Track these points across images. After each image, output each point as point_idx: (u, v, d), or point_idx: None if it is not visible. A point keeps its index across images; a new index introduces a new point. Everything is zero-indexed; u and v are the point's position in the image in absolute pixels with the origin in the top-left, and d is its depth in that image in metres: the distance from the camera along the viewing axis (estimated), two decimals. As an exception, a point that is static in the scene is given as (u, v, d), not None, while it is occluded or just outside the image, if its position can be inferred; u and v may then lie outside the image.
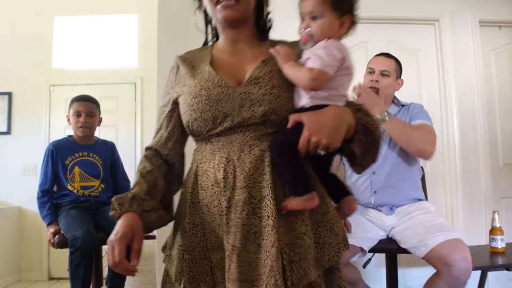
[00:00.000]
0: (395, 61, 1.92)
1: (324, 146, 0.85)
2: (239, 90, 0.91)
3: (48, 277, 3.67)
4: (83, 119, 2.13)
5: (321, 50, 0.90)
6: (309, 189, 0.87)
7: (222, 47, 1.03)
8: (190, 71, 0.98)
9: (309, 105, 0.90)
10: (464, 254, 1.47)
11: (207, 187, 0.92)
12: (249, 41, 1.02)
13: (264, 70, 0.93)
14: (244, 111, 0.89)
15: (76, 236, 1.80)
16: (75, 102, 2.17)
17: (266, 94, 0.89)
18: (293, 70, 0.90)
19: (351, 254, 1.66)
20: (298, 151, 0.86)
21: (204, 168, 0.94)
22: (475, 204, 2.53)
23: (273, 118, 0.90)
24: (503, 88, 2.71)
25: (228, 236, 0.87)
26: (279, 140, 0.89)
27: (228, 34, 1.01)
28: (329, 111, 0.88)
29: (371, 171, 1.82)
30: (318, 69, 0.87)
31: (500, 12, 2.65)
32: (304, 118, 0.86)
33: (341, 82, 0.92)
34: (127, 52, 3.92)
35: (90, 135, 2.19)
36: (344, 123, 0.88)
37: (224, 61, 0.99)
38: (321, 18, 0.92)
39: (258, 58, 0.97)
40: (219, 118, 0.90)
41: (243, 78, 0.94)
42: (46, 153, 2.12)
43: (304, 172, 0.89)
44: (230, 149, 0.90)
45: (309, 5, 0.92)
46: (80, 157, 2.12)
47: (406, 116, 1.86)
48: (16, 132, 3.75)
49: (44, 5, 3.86)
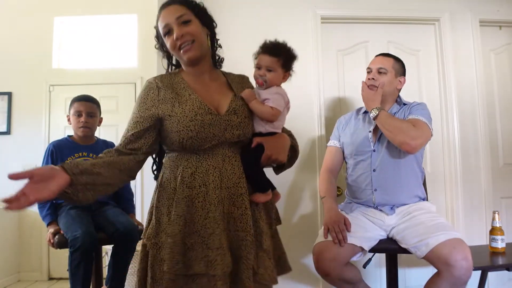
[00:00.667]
0: (394, 59, 1.92)
1: (278, 161, 1.29)
2: (224, 118, 1.23)
3: (48, 277, 3.67)
4: (84, 119, 2.12)
5: (276, 95, 1.31)
6: (268, 188, 1.31)
7: (190, 77, 1.31)
8: (176, 96, 1.24)
9: (266, 131, 1.31)
10: (465, 254, 1.47)
11: (193, 186, 1.21)
12: (209, 72, 1.34)
13: (238, 103, 1.28)
14: (227, 133, 1.23)
15: (76, 236, 1.80)
16: (76, 102, 2.16)
17: (241, 122, 1.26)
18: (258, 106, 1.29)
19: (351, 254, 1.66)
20: (260, 163, 1.26)
21: (190, 172, 1.22)
22: (475, 204, 2.53)
23: (243, 138, 1.27)
24: (503, 88, 2.71)
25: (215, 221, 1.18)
26: (247, 156, 1.27)
27: (193, 70, 1.31)
28: (280, 138, 1.32)
29: (372, 169, 1.83)
30: (277, 109, 1.29)
31: (500, 12, 2.65)
32: (264, 141, 1.26)
33: (283, 116, 1.35)
34: (127, 52, 3.92)
35: (90, 135, 2.19)
36: (288, 146, 1.34)
37: (199, 90, 1.28)
38: (273, 72, 1.32)
39: (223, 88, 1.33)
40: (209, 138, 1.21)
41: (219, 106, 1.26)
42: (46, 153, 2.11)
43: (265, 177, 1.31)
44: (214, 159, 1.23)
45: (268, 61, 1.32)
46: (80, 157, 2.12)
47: (406, 113, 1.86)
48: (16, 132, 3.75)
49: (44, 5, 3.86)
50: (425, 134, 1.74)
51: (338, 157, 1.99)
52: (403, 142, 1.69)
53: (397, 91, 1.93)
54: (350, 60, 2.58)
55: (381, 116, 1.76)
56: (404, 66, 1.95)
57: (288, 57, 1.34)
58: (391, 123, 1.74)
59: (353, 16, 2.56)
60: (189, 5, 1.27)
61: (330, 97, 2.55)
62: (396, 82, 1.89)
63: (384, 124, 1.75)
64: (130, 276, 2.59)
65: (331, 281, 1.65)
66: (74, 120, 2.14)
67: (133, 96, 3.81)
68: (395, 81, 1.89)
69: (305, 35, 2.50)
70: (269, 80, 1.32)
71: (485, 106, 2.59)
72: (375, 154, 1.84)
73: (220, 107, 1.26)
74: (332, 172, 1.97)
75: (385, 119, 1.75)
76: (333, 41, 2.58)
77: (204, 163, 1.22)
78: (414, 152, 1.73)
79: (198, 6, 1.30)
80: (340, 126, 2.03)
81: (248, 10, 2.50)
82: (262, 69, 1.32)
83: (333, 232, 1.64)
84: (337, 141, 2.01)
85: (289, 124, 2.39)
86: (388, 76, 1.87)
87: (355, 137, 1.91)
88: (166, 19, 1.25)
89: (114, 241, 1.97)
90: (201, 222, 1.19)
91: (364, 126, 1.92)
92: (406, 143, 1.69)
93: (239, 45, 2.45)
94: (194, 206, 1.20)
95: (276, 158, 1.27)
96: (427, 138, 1.76)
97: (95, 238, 1.86)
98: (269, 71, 1.32)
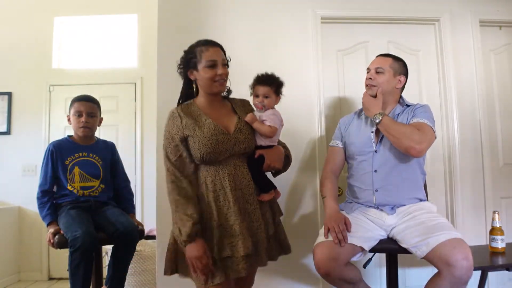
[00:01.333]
0: (392, 59, 1.91)
1: (276, 168, 1.68)
2: (233, 136, 1.60)
3: (48, 277, 3.67)
4: (84, 119, 2.12)
5: (273, 116, 1.68)
6: (271, 188, 1.69)
7: (204, 105, 1.67)
8: (195, 122, 1.60)
9: (265, 144, 1.68)
10: (465, 254, 1.47)
11: (215, 190, 1.58)
12: (219, 100, 1.72)
13: (242, 123, 1.65)
14: (235, 147, 1.60)
15: (76, 236, 1.80)
16: (76, 102, 2.16)
17: (246, 138, 1.63)
18: (260, 126, 1.66)
19: (351, 254, 1.65)
20: (262, 170, 1.65)
21: (211, 180, 1.59)
22: (475, 204, 2.53)
23: (249, 150, 1.65)
24: (503, 88, 2.71)
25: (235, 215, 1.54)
26: (252, 164, 1.65)
27: (211, 97, 1.67)
28: (277, 150, 1.70)
29: (373, 169, 1.83)
30: (274, 127, 1.66)
31: (500, 12, 2.65)
32: (264, 153, 1.65)
33: (278, 132, 1.72)
34: (127, 52, 3.92)
35: (90, 135, 2.19)
36: (283, 156, 1.72)
37: (212, 116, 1.63)
38: (269, 98, 1.70)
39: (229, 113, 1.70)
40: (222, 152, 1.57)
41: (229, 127, 1.63)
42: (46, 153, 2.11)
43: (268, 180, 1.69)
44: (228, 168, 1.59)
45: (264, 90, 1.70)
46: (80, 157, 2.12)
47: (409, 116, 1.85)
48: (16, 132, 3.75)
49: (44, 5, 3.86)
50: (430, 137, 1.74)
51: (340, 157, 1.99)
52: (409, 147, 1.69)
53: (397, 91, 1.92)
54: (350, 60, 2.58)
55: (385, 122, 1.76)
56: (405, 65, 1.94)
57: (279, 85, 1.73)
58: (395, 129, 1.74)
59: (353, 16, 2.56)
60: (224, 52, 1.68)
61: (330, 97, 2.55)
62: (394, 81, 1.89)
63: (388, 130, 1.75)
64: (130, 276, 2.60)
65: (331, 281, 1.65)
66: (74, 120, 2.14)
67: (133, 96, 3.81)
68: (393, 80, 1.88)
69: (305, 35, 2.50)
70: (266, 105, 1.70)
71: (485, 106, 2.59)
72: (377, 155, 1.84)
73: (228, 127, 1.63)
74: (333, 172, 1.97)
75: (389, 125, 1.75)
76: (333, 41, 2.58)
77: (220, 172, 1.59)
78: (420, 155, 1.74)
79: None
80: (342, 126, 2.03)
81: (249, 10, 2.50)
82: (260, 97, 1.70)
83: (333, 232, 1.64)
84: (339, 141, 2.00)
85: (289, 124, 2.41)
86: (385, 75, 1.86)
87: (357, 137, 1.91)
88: (215, 56, 1.60)
89: (114, 241, 1.97)
90: (224, 217, 1.55)
91: (366, 127, 1.91)
92: (412, 147, 1.69)
93: (241, 44, 2.46)
94: (218, 205, 1.56)
95: (274, 165, 1.66)
96: (431, 141, 1.75)
97: (95, 238, 1.87)
98: (266, 98, 1.70)
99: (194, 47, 1.64)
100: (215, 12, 2.48)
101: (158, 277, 2.27)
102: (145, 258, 2.73)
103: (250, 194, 1.60)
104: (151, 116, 3.39)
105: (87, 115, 2.13)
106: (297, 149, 2.44)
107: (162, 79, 2.32)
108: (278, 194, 1.75)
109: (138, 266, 2.70)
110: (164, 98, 2.25)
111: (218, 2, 2.49)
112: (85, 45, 3.94)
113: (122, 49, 3.94)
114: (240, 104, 1.74)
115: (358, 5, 2.55)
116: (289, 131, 2.44)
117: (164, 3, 2.45)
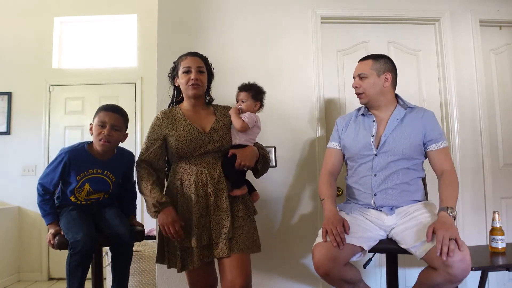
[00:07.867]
0: (372, 59, 1.88)
1: (246, 166, 1.80)
2: (207, 135, 1.79)
3: (48, 278, 3.68)
4: (107, 131, 1.87)
5: (250, 117, 1.84)
6: (243, 184, 1.82)
7: (187, 108, 1.87)
8: (174, 123, 1.82)
9: (239, 143, 1.84)
10: (463, 255, 1.46)
11: (189, 185, 1.76)
12: (202, 105, 1.90)
13: (219, 124, 1.84)
14: (210, 145, 1.78)
15: (77, 239, 1.76)
16: (102, 111, 1.92)
17: (220, 137, 1.81)
18: (235, 118, 1.84)
19: (351, 254, 1.65)
20: (235, 167, 1.77)
21: (186, 175, 1.77)
22: (475, 204, 2.53)
23: (222, 148, 1.81)
24: (503, 88, 2.71)
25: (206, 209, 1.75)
26: (225, 162, 1.79)
27: (192, 101, 1.87)
28: (249, 149, 1.83)
29: (372, 174, 1.81)
30: (247, 124, 1.82)
31: (500, 12, 2.65)
32: (237, 152, 1.79)
33: (254, 133, 1.88)
34: (127, 52, 3.93)
35: (109, 150, 1.96)
36: (255, 155, 1.84)
37: (191, 117, 1.84)
38: (245, 102, 1.89)
39: (209, 116, 1.88)
40: (196, 148, 1.76)
41: (205, 127, 1.82)
42: (58, 160, 1.91)
43: (240, 176, 1.83)
44: (202, 164, 1.77)
45: (242, 96, 1.90)
46: (93, 174, 1.91)
47: (418, 124, 1.81)
48: (16, 132, 3.75)
49: (44, 5, 3.87)
50: (450, 155, 1.86)
51: (338, 159, 1.97)
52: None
53: (387, 89, 1.87)
54: (350, 60, 2.58)
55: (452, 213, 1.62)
56: (388, 61, 1.89)
57: (257, 91, 1.91)
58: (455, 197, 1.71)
59: (353, 16, 2.56)
60: (206, 62, 1.89)
61: (330, 97, 2.55)
62: (380, 81, 1.85)
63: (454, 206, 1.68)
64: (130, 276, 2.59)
65: (331, 281, 1.64)
66: (96, 130, 1.90)
67: (133, 96, 3.81)
68: (379, 81, 1.85)
69: (305, 35, 2.50)
70: (244, 108, 1.89)
71: (485, 106, 2.59)
72: (377, 158, 1.82)
73: (205, 127, 1.82)
74: (332, 174, 1.95)
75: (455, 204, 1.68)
76: (333, 41, 2.58)
77: (194, 168, 1.77)
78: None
79: (210, 66, 1.93)
80: (340, 127, 2.00)
81: (249, 10, 2.50)
82: (239, 101, 1.91)
83: (331, 234, 1.63)
84: (337, 142, 1.98)
85: (289, 124, 2.41)
86: (369, 79, 1.84)
87: (356, 141, 1.89)
88: (190, 63, 1.82)
89: (110, 243, 1.95)
90: (192, 209, 1.73)
91: (365, 130, 1.89)
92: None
93: (241, 44, 2.46)
94: (189, 198, 1.74)
95: (245, 164, 1.78)
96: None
97: (96, 240, 1.84)
98: (243, 102, 1.89)
99: (179, 58, 1.88)
100: (215, 12, 2.48)
101: (158, 277, 2.27)
102: (145, 258, 2.73)
103: (220, 189, 1.75)
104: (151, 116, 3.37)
105: (111, 128, 1.89)
106: (297, 149, 2.45)
107: (162, 79, 2.32)
108: (257, 197, 1.93)
109: (138, 266, 2.70)
110: (164, 98, 2.25)
111: (218, 2, 2.49)
112: (85, 45, 3.95)
113: (122, 49, 3.94)
114: (222, 109, 1.93)
115: (358, 5, 2.55)
116: (289, 131, 2.44)
117: (164, 3, 2.45)
